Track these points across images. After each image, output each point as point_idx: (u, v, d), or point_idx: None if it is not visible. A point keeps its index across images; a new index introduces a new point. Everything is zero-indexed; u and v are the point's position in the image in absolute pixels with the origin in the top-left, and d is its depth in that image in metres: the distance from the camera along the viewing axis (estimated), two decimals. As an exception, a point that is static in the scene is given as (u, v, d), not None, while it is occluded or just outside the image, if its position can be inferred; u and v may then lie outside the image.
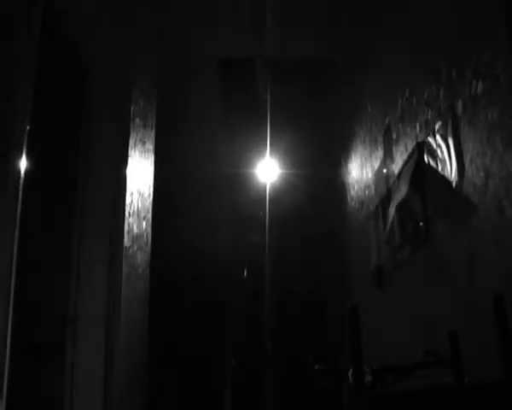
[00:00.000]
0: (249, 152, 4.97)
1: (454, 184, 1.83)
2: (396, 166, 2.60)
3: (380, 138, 2.96)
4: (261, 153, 4.79)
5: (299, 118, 4.75)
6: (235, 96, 4.35)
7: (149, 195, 2.89)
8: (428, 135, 2.09)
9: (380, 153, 2.97)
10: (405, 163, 2.38)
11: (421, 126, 2.21)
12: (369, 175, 3.28)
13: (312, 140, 5.01)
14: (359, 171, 3.64)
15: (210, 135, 4.72)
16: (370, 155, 3.24)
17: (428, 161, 2.09)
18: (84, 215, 2.21)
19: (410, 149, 2.33)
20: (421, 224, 2.16)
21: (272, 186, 5.31)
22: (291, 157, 4.98)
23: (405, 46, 2.47)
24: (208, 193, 5.33)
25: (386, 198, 2.76)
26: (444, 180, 1.91)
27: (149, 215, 2.87)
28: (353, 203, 3.88)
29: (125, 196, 2.33)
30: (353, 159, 3.90)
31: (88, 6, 2.15)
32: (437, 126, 2.00)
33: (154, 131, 3.02)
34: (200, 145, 4.80)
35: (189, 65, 3.81)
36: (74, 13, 2.10)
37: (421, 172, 2.15)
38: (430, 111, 2.09)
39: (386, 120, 2.80)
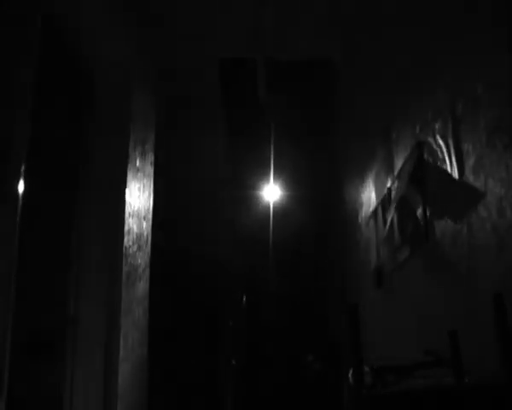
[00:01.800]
0: (250, 152, 4.97)
1: (454, 184, 1.83)
2: (396, 167, 2.60)
3: (380, 139, 2.96)
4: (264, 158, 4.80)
5: (298, 119, 4.75)
6: (235, 96, 4.35)
7: (149, 195, 2.89)
8: (428, 135, 2.09)
9: (380, 153, 2.97)
10: (405, 163, 2.38)
11: (421, 126, 2.21)
12: (369, 176, 3.28)
13: (311, 143, 5.01)
14: (359, 172, 3.64)
15: (210, 135, 4.72)
16: (370, 156, 3.24)
17: (428, 161, 2.09)
18: (85, 215, 2.21)
19: (409, 149, 2.33)
20: (420, 224, 2.16)
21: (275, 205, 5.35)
22: (291, 167, 5.00)
23: (406, 46, 2.47)
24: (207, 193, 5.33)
25: (385, 198, 2.76)
26: (444, 180, 1.91)
27: (149, 215, 2.86)
28: (353, 204, 3.88)
29: (124, 195, 2.33)
30: (353, 160, 3.90)
31: (88, 7, 2.15)
32: (437, 126, 2.00)
33: (154, 132, 3.02)
34: (200, 145, 4.80)
35: (189, 65, 3.81)
36: (74, 14, 2.10)
37: (421, 172, 2.15)
38: (430, 111, 2.09)
39: (386, 121, 2.80)
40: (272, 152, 4.74)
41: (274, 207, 5.56)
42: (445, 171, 1.91)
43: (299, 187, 5.30)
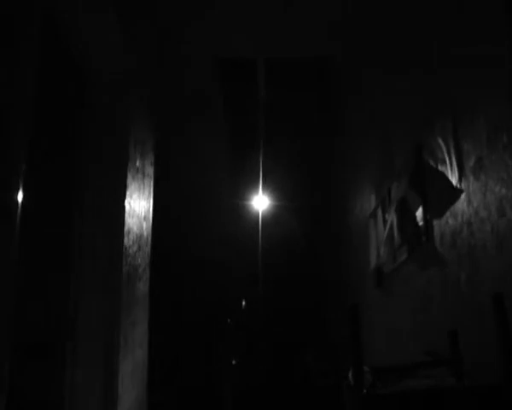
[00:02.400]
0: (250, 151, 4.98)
1: (454, 184, 1.83)
2: (396, 167, 2.60)
3: (380, 139, 2.96)
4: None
5: (298, 119, 4.75)
6: (235, 96, 4.35)
7: (149, 195, 2.89)
8: (428, 135, 2.09)
9: (380, 153, 2.97)
10: (405, 163, 2.38)
11: (421, 126, 2.21)
12: (369, 176, 3.28)
13: (311, 143, 5.01)
14: (359, 172, 3.64)
15: (210, 135, 4.72)
16: (370, 156, 3.24)
17: (428, 161, 2.09)
18: (85, 215, 2.21)
19: (409, 150, 2.33)
20: (420, 224, 2.16)
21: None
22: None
23: (406, 45, 2.47)
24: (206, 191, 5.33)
25: (385, 199, 2.76)
26: (443, 180, 1.91)
27: (149, 215, 2.87)
28: (353, 205, 3.88)
29: (124, 196, 2.33)
30: (353, 160, 3.90)
31: (88, 6, 2.15)
32: (437, 126, 2.00)
33: (154, 132, 3.02)
34: (199, 145, 4.80)
35: (189, 65, 3.81)
36: (74, 13, 2.10)
37: (421, 173, 2.15)
38: (430, 111, 2.09)
39: (387, 121, 2.80)
40: (262, 154, 4.75)
41: (273, 210, 5.57)
42: (445, 171, 1.91)
43: (299, 188, 5.30)
